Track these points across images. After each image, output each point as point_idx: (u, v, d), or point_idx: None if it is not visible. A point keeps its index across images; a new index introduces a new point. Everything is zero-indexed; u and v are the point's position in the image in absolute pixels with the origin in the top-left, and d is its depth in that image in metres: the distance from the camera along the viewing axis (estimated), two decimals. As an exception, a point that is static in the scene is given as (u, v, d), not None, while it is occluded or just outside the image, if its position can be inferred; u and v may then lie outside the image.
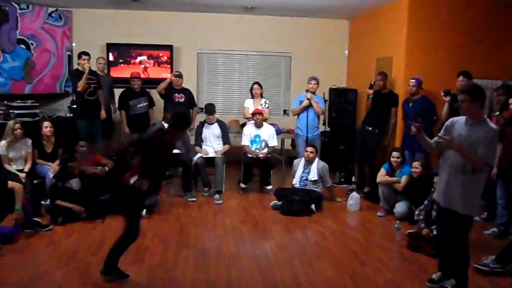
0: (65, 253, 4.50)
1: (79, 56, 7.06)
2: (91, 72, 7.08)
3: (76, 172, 5.65)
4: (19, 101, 6.61)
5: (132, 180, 3.76)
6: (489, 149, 3.59)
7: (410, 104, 6.52)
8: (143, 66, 8.66)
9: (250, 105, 7.41)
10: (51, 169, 6.00)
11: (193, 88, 8.32)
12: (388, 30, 7.51)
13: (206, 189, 6.75)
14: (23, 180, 5.59)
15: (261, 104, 7.31)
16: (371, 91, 6.99)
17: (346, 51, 9.30)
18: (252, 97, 7.47)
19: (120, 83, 8.12)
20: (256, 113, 6.92)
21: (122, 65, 8.65)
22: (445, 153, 3.84)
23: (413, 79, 6.49)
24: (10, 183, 5.00)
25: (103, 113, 7.29)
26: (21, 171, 5.83)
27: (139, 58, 8.66)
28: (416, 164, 5.71)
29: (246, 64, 9.30)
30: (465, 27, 6.83)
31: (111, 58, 8.47)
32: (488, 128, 3.61)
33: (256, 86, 7.46)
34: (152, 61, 8.74)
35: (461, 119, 3.80)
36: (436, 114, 6.42)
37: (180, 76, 7.53)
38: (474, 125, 3.66)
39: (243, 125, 7.51)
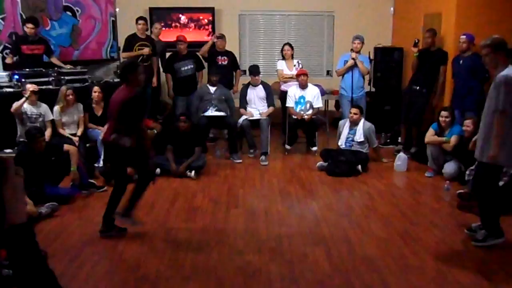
0: (120, 213, 4.69)
1: (136, 21, 7.17)
2: (147, 38, 7.16)
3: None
4: (69, 67, 6.77)
5: (112, 136, 3.95)
6: (498, 95, 3.68)
7: (461, 61, 6.29)
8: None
9: (283, 66, 7.38)
10: (101, 133, 6.18)
11: (235, 50, 8.27)
12: (437, -16, 7.20)
13: (251, 150, 6.82)
14: (77, 144, 5.79)
15: (294, 65, 7.27)
16: (415, 50, 6.79)
17: (392, 8, 8.98)
18: (283, 58, 7.39)
19: (162, 46, 8.17)
20: (300, 74, 6.86)
21: (164, 28, 8.65)
22: None
23: (464, 35, 6.23)
24: (66, 146, 5.24)
25: (154, 81, 7.41)
26: (74, 135, 6.03)
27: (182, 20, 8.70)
28: (468, 122, 5.56)
29: (288, 24, 9.15)
30: (522, -22, 6.46)
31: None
32: (499, 76, 3.69)
33: (286, 47, 7.39)
34: (193, 24, 8.73)
35: None
36: (488, 71, 6.17)
37: (222, 37, 7.52)
38: (495, 77, 3.78)
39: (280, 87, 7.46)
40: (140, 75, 4.07)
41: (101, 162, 5.82)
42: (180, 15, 8.69)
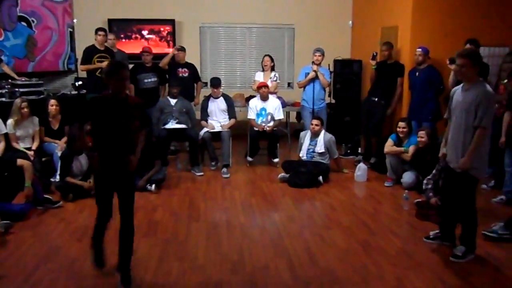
0: (77, 229, 4.55)
1: (96, 32, 6.99)
2: (106, 50, 7.01)
3: (86, 144, 5.61)
4: (23, 79, 6.56)
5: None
6: (484, 113, 3.66)
7: (417, 73, 6.48)
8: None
9: (260, 78, 7.38)
10: (58, 146, 6.02)
11: (196, 62, 8.26)
12: (393, -1, 7.40)
13: (213, 163, 6.78)
14: (32, 158, 5.60)
15: (271, 77, 7.28)
16: (373, 62, 6.96)
17: (350, 21, 9.19)
18: (263, 69, 7.42)
19: (123, 58, 8.05)
20: (261, 86, 6.89)
21: (123, 40, 8.57)
22: (451, 117, 3.95)
23: (419, 48, 6.43)
24: (19, 161, 5.03)
25: None
26: (29, 149, 5.85)
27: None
28: (421, 133, 5.70)
29: (249, 37, 9.21)
30: (472, -7, 6.73)
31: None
32: (481, 91, 3.69)
33: (266, 58, 7.40)
34: (153, 36, 8.67)
35: (460, 87, 3.92)
36: (443, 83, 6.39)
37: (182, 50, 7.48)
38: (469, 90, 3.77)
39: (248, 98, 7.50)
40: (123, 80, 3.37)
41: (58, 177, 5.64)
42: (140, 27, 8.60)
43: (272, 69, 7.40)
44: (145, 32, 8.63)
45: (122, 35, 8.55)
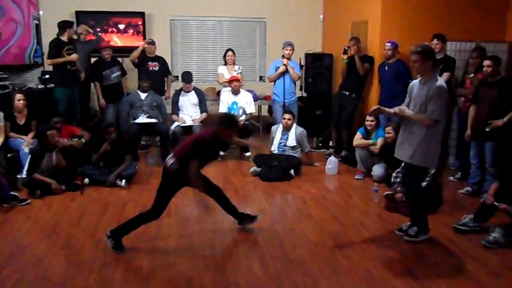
0: (46, 227, 4.46)
1: (70, 26, 6.83)
2: (71, 42, 6.84)
3: (56, 141, 5.51)
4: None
5: (170, 162, 3.86)
6: (436, 106, 3.83)
7: (386, 67, 6.56)
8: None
9: (224, 71, 7.37)
10: (24, 142, 5.87)
11: (167, 56, 8.18)
12: (363, -7, 7.46)
13: (184, 157, 6.72)
14: (-3, 154, 5.46)
15: (235, 71, 7.28)
16: (345, 56, 7.01)
17: (321, 16, 9.23)
18: (225, 63, 7.40)
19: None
20: (233, 80, 6.87)
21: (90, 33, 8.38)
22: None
23: (388, 42, 6.51)
24: (-17, 157, 4.90)
25: (82, 76, 7.14)
26: (-7, 145, 5.69)
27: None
28: (389, 129, 5.77)
29: (221, 30, 9.16)
30: (440, -12, 6.83)
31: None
32: (434, 86, 3.86)
33: (230, 53, 7.41)
34: (123, 29, 8.52)
35: (418, 80, 4.09)
36: (412, 77, 6.46)
37: (152, 43, 7.40)
38: (425, 83, 3.94)
39: (220, 92, 7.47)
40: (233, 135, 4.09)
41: (24, 173, 5.50)
42: (109, 19, 8.43)
43: (234, 62, 7.44)
44: (114, 25, 8.46)
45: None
